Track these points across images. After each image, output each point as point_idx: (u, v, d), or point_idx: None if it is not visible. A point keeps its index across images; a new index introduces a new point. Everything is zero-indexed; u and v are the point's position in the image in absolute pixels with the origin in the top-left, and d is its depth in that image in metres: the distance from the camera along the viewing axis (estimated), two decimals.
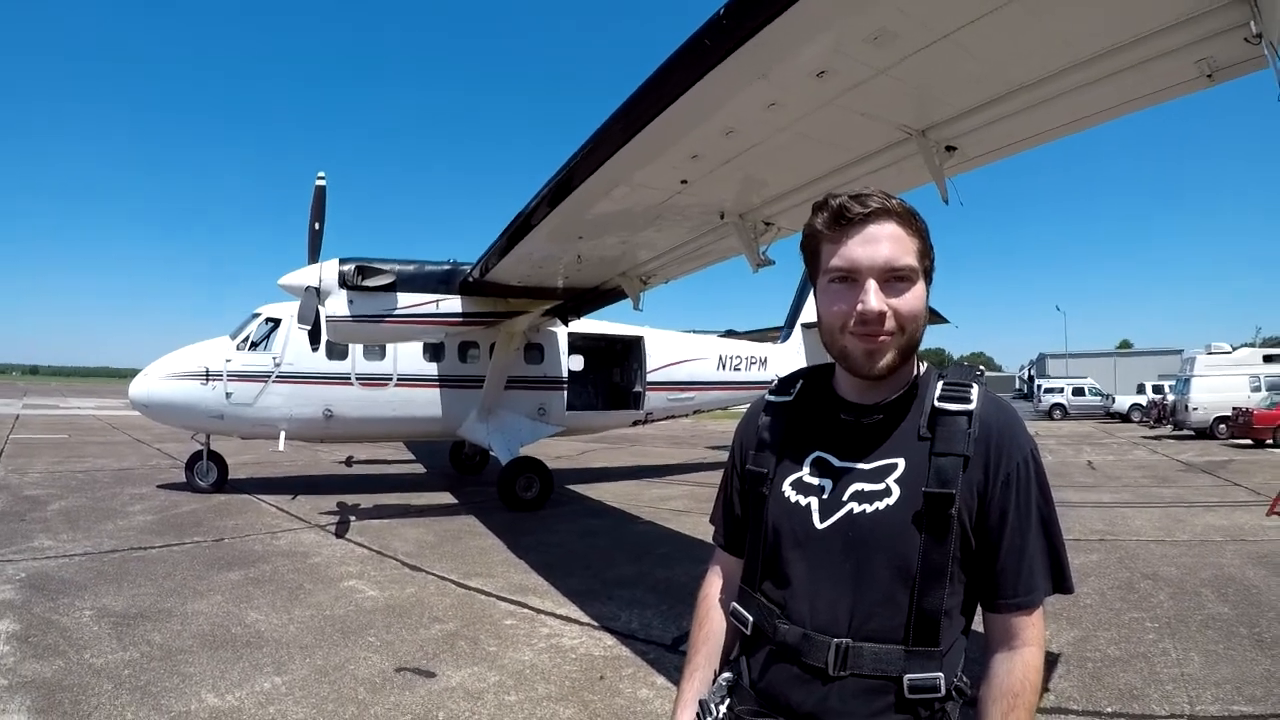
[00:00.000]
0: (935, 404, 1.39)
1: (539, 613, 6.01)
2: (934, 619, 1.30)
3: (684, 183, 5.56)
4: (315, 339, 9.54)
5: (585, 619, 5.86)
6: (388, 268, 9.30)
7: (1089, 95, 3.89)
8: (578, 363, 14.31)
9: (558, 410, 13.06)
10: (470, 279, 9.40)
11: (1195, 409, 24.95)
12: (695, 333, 16.59)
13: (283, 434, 11.26)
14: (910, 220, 1.37)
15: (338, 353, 11.40)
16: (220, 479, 11.79)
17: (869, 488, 1.37)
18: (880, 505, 1.35)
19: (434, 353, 12.25)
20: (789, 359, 16.53)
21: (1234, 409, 22.86)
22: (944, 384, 1.41)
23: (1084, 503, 11.30)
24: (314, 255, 9.50)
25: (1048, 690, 4.34)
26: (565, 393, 13.25)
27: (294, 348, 11.17)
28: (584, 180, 5.63)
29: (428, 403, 12.15)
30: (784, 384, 1.61)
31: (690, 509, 11.13)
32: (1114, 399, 39.94)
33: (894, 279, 1.34)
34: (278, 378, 11.27)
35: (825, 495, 1.41)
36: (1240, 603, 6.08)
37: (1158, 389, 35.23)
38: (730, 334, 17.75)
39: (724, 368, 15.47)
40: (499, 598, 6.40)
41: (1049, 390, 42.47)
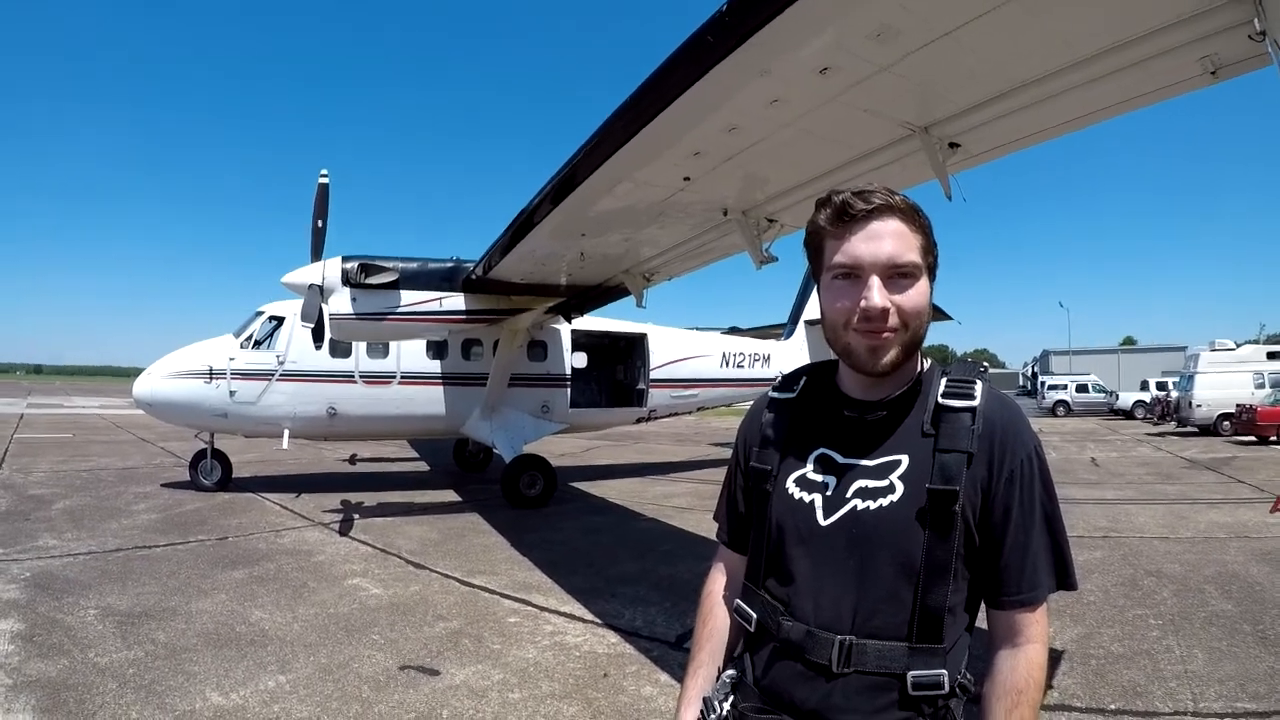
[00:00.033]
0: (939, 400, 1.39)
1: (543, 610, 6.02)
2: (938, 616, 1.30)
3: (687, 180, 5.55)
4: (319, 337, 9.57)
5: (589, 616, 5.87)
6: (391, 265, 9.30)
7: (1092, 92, 3.87)
8: (581, 360, 14.30)
9: (561, 408, 13.06)
10: (473, 276, 9.40)
11: (1199, 406, 24.89)
12: (698, 330, 16.55)
13: (286, 432, 11.29)
14: (913, 216, 1.37)
15: (341, 351, 11.42)
16: (224, 477, 11.82)
17: (873, 484, 1.37)
18: (884, 502, 1.35)
19: (437, 350, 12.26)
20: (792, 356, 16.50)
21: (1238, 406, 22.80)
22: (948, 380, 1.41)
23: (1088, 499, 11.28)
24: (317, 253, 9.53)
25: (1051, 687, 4.34)
26: (569, 390, 13.26)
27: (297, 346, 11.20)
28: (587, 177, 5.62)
29: (431, 400, 12.16)
30: (788, 381, 1.61)
31: (694, 506, 11.13)
32: (1118, 396, 39.95)
33: (897, 275, 1.34)
34: (281, 376, 11.29)
35: (829, 492, 1.40)
36: (1244, 600, 6.06)
37: (1161, 386, 35.20)
38: (733, 331, 17.72)
39: (727, 365, 15.46)
40: (503, 595, 6.41)
41: (1053, 387, 42.52)
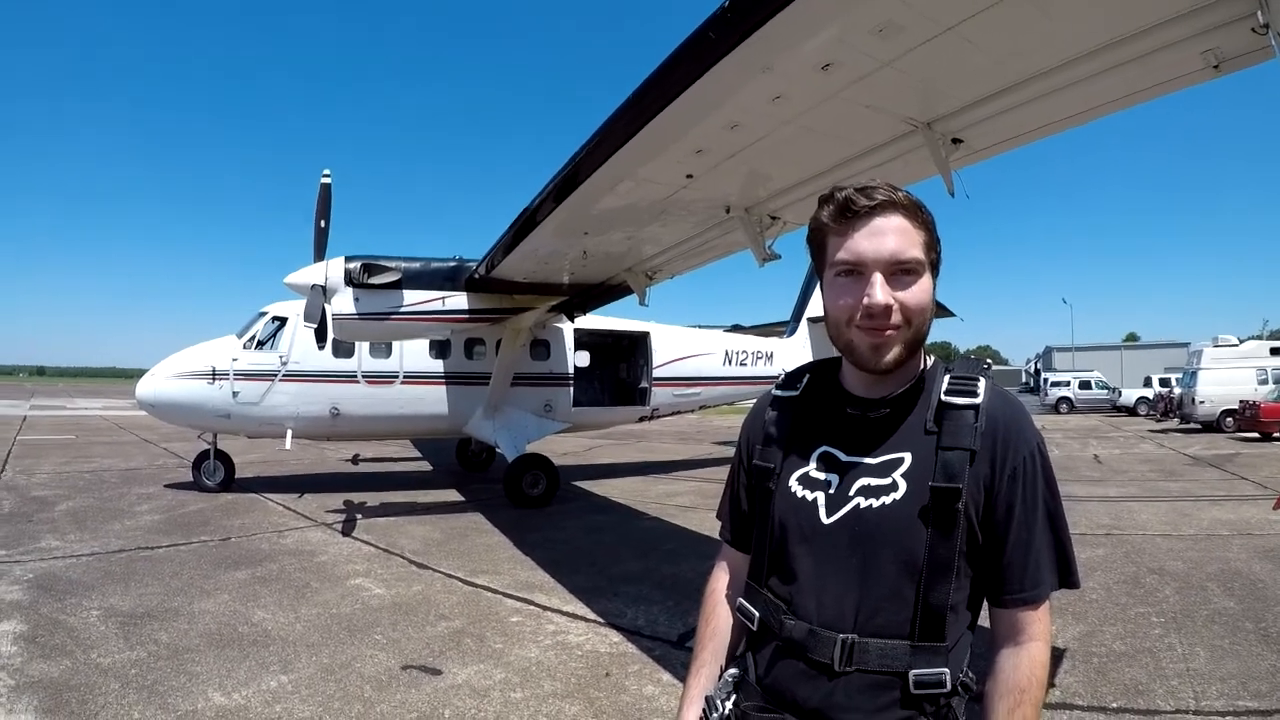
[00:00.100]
0: (942, 398, 1.38)
1: (545, 610, 6.02)
2: (940, 614, 1.30)
3: (689, 177, 5.54)
4: (322, 337, 9.58)
5: (591, 616, 5.86)
6: (393, 265, 9.31)
7: (1095, 86, 3.86)
8: (584, 359, 14.31)
9: (564, 407, 13.06)
10: (476, 276, 9.41)
11: (1202, 402, 24.84)
12: (701, 328, 16.55)
13: (289, 432, 11.30)
14: (916, 213, 1.37)
15: (344, 351, 11.43)
16: (227, 478, 11.83)
17: (875, 482, 1.36)
18: (887, 500, 1.34)
19: (440, 350, 12.26)
20: (795, 353, 16.50)
21: (1241, 402, 22.72)
22: (951, 378, 1.41)
23: (1090, 497, 11.26)
24: (320, 253, 9.53)
25: (1053, 685, 4.33)
26: (571, 389, 13.26)
27: (300, 346, 11.21)
28: (589, 176, 5.61)
29: (434, 400, 12.16)
30: (790, 379, 1.60)
31: (696, 505, 11.12)
32: (1120, 392, 39.97)
33: (900, 272, 1.33)
34: (284, 376, 11.30)
35: (832, 490, 1.40)
36: (1246, 597, 6.04)
37: (1164, 382, 35.22)
38: (736, 329, 17.70)
39: (730, 363, 15.45)
40: (505, 595, 6.41)
41: (1055, 383, 42.50)
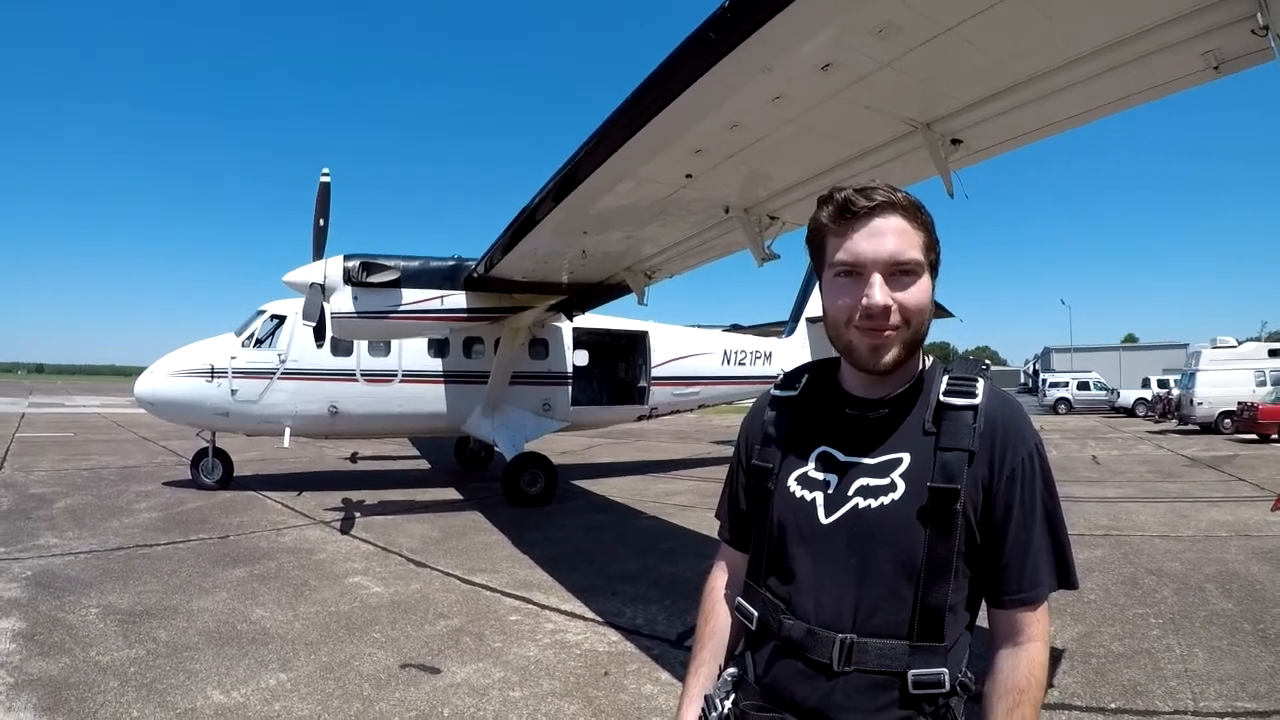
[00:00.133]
0: (941, 398, 1.38)
1: (544, 608, 6.02)
2: (938, 614, 1.30)
3: (689, 177, 5.54)
4: (320, 335, 9.58)
5: (590, 615, 5.87)
6: (392, 264, 9.30)
7: (1095, 87, 3.86)
8: (582, 358, 14.30)
9: (563, 405, 13.06)
10: (475, 275, 9.40)
11: (1200, 404, 24.83)
12: (700, 327, 16.55)
13: (288, 430, 11.29)
14: (916, 214, 1.37)
15: (343, 349, 11.42)
16: (225, 476, 11.83)
17: (874, 483, 1.37)
18: (885, 500, 1.34)
19: (439, 349, 12.26)
20: (794, 353, 16.50)
21: (1239, 404, 22.74)
22: (949, 378, 1.41)
23: (1088, 498, 11.27)
24: (319, 252, 9.53)
25: (1051, 686, 4.33)
26: (570, 388, 13.26)
27: (299, 344, 11.21)
28: (589, 175, 5.61)
29: (433, 399, 12.16)
30: (789, 379, 1.61)
31: (695, 504, 11.12)
32: (1119, 393, 39.97)
33: (899, 273, 1.34)
34: (283, 374, 11.29)
35: (830, 490, 1.40)
36: (1244, 599, 6.05)
37: (1163, 383, 35.23)
38: (735, 328, 17.69)
39: (729, 362, 15.45)
40: (504, 593, 6.41)
41: (1054, 384, 42.52)
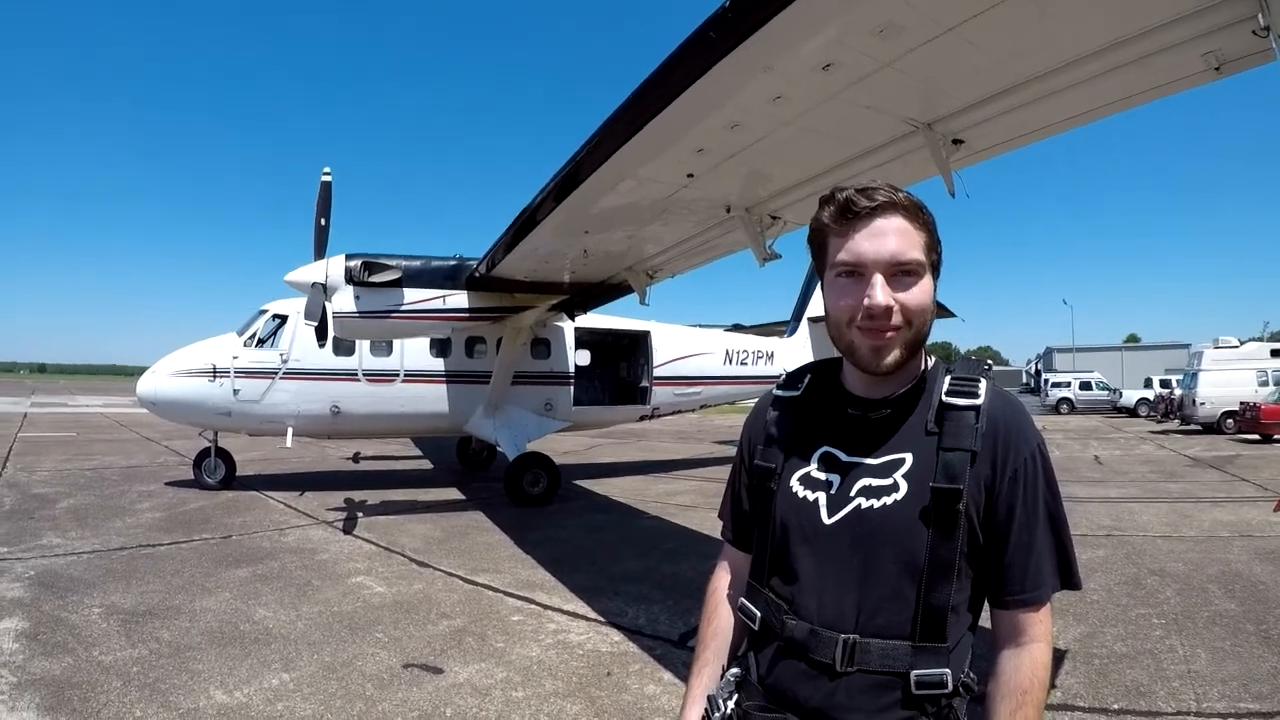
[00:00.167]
0: (943, 399, 1.38)
1: (546, 609, 6.02)
2: (941, 615, 1.30)
3: (690, 177, 5.54)
4: (322, 335, 9.59)
5: (592, 615, 5.87)
6: (394, 264, 9.31)
7: (1097, 88, 3.86)
8: (584, 358, 14.32)
9: (565, 405, 13.06)
10: (477, 274, 9.41)
11: (1202, 404, 24.81)
12: (702, 327, 16.55)
13: (290, 430, 11.30)
14: (917, 214, 1.37)
15: (344, 349, 11.43)
16: (228, 476, 11.85)
17: (876, 483, 1.37)
18: (888, 500, 1.34)
19: (441, 348, 12.26)
20: (796, 353, 16.49)
21: (1241, 404, 22.69)
22: (951, 379, 1.41)
23: (1091, 498, 11.26)
24: (320, 251, 9.53)
25: (1054, 687, 4.33)
26: (572, 388, 13.25)
27: (301, 344, 11.22)
28: (590, 175, 5.61)
29: (435, 398, 12.17)
30: (792, 379, 1.61)
31: (697, 504, 11.12)
32: (1121, 393, 39.92)
33: (901, 273, 1.34)
34: (285, 374, 11.30)
35: (833, 490, 1.40)
36: (1247, 599, 6.04)
37: (1165, 383, 35.20)
38: (737, 328, 17.69)
39: (731, 362, 15.44)
40: (506, 594, 6.41)
41: (1056, 384, 42.50)
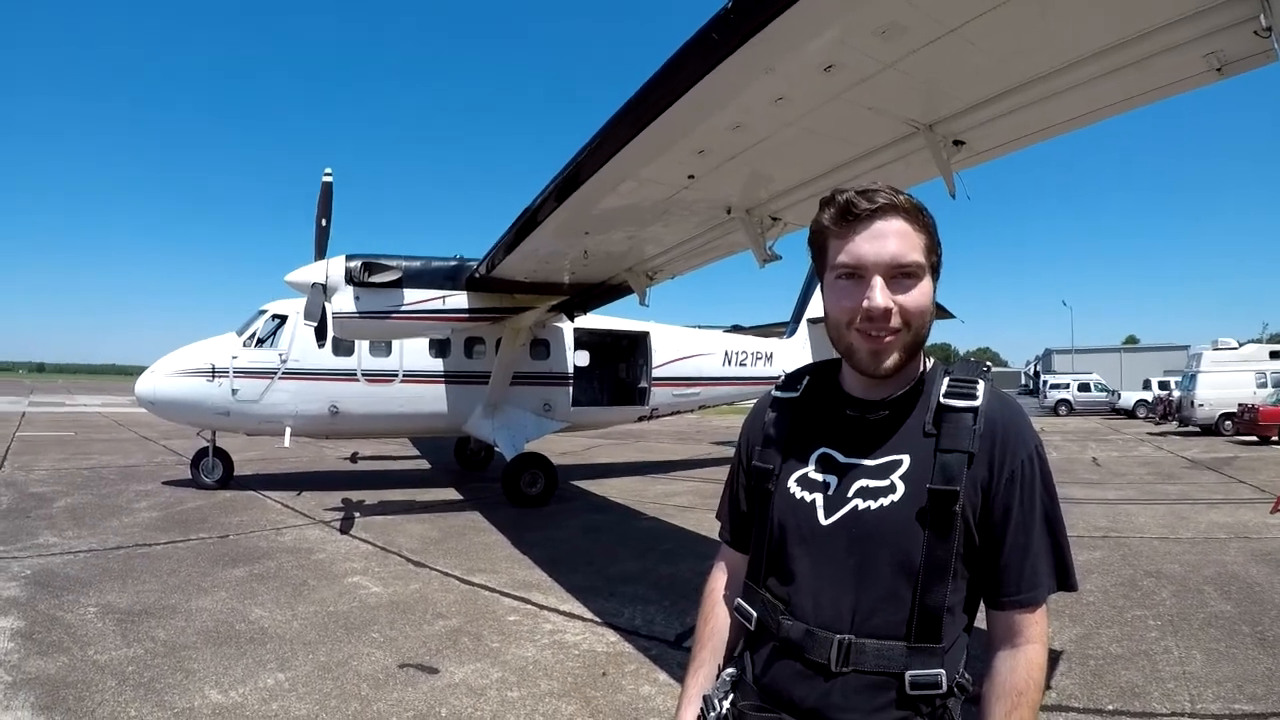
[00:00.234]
0: (941, 400, 1.38)
1: (542, 609, 6.02)
2: (936, 615, 1.30)
3: (691, 178, 5.54)
4: (322, 335, 9.58)
5: (588, 615, 5.87)
6: (394, 264, 9.31)
7: (1098, 89, 3.85)
8: (583, 358, 14.31)
9: (563, 406, 13.05)
10: (476, 275, 9.41)
11: (1201, 405, 24.85)
12: (701, 328, 16.54)
13: (288, 430, 11.29)
14: (917, 216, 1.37)
15: (344, 349, 11.42)
16: (225, 475, 11.84)
17: (874, 484, 1.37)
18: (885, 502, 1.34)
19: (440, 349, 12.25)
20: (795, 354, 16.49)
21: (1240, 405, 22.75)
22: (950, 380, 1.41)
23: (1088, 499, 11.26)
24: (320, 252, 9.53)
25: (1049, 688, 4.33)
26: (571, 388, 13.25)
27: (300, 344, 11.21)
28: (591, 175, 5.61)
29: (433, 399, 12.16)
30: (790, 380, 1.61)
31: (695, 505, 11.12)
32: (1120, 395, 39.94)
33: (900, 275, 1.34)
34: (284, 374, 11.29)
35: (830, 492, 1.40)
36: (1243, 601, 6.05)
37: (1164, 385, 35.20)
38: (736, 329, 17.68)
39: (730, 363, 15.44)
40: (502, 594, 6.41)
41: (1054, 386, 42.51)
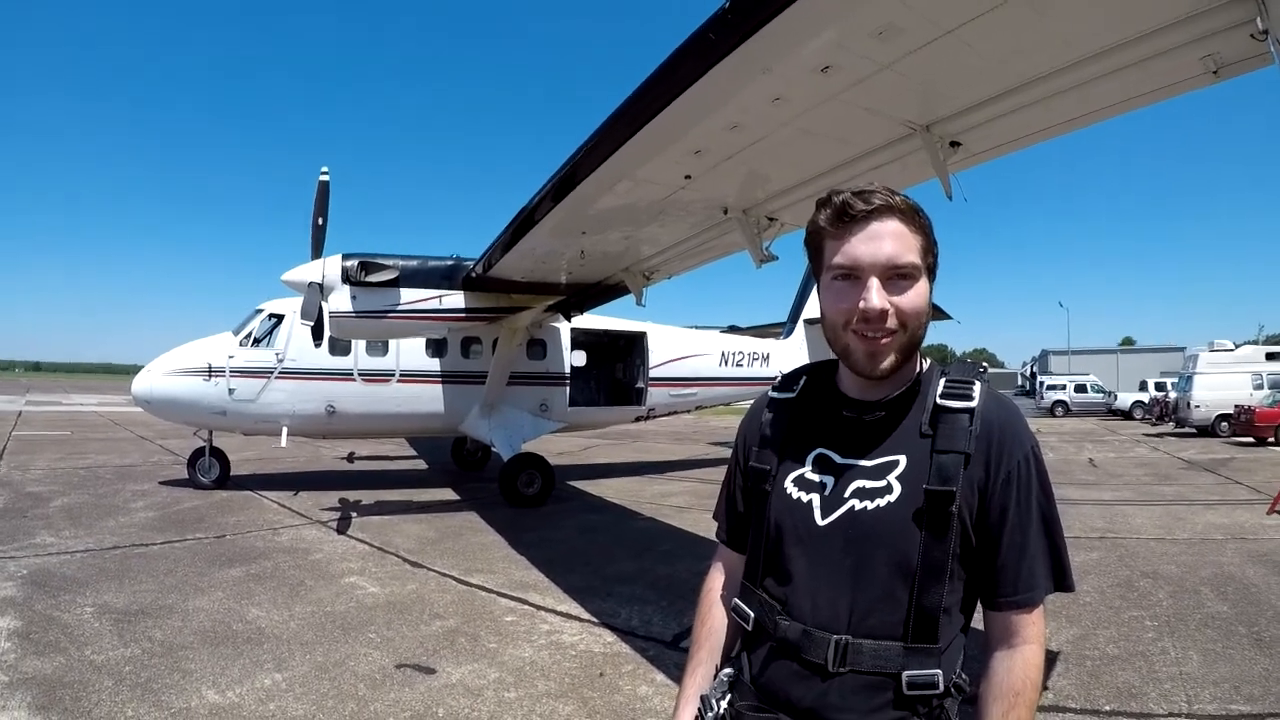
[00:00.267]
0: (937, 401, 1.38)
1: (539, 609, 6.01)
2: (933, 616, 1.30)
3: (688, 178, 5.54)
4: (318, 335, 9.56)
5: (585, 616, 5.87)
6: (391, 263, 9.29)
7: (1094, 90, 3.86)
8: (580, 358, 14.31)
9: (560, 406, 13.05)
10: (473, 274, 9.39)
11: (1197, 406, 24.92)
12: (698, 328, 16.55)
13: (285, 430, 11.27)
14: (914, 217, 1.37)
15: (340, 348, 11.40)
16: (222, 475, 11.81)
17: (870, 485, 1.37)
18: (881, 502, 1.35)
19: (436, 348, 12.23)
20: (791, 355, 16.50)
21: (1236, 407, 22.84)
22: (946, 381, 1.41)
23: (1085, 500, 11.29)
24: (317, 251, 9.52)
25: (1046, 688, 4.34)
26: (567, 389, 13.24)
27: (297, 344, 11.19)
28: (588, 175, 5.61)
29: (430, 399, 12.14)
30: (787, 380, 1.61)
31: (691, 505, 11.13)
32: (1116, 396, 39.98)
33: (896, 276, 1.34)
34: (280, 374, 11.27)
35: (827, 492, 1.40)
36: (1239, 601, 6.07)
37: (1160, 386, 35.25)
38: (733, 330, 17.71)
39: (726, 364, 15.45)
40: (499, 594, 6.40)
41: (1051, 387, 42.54)
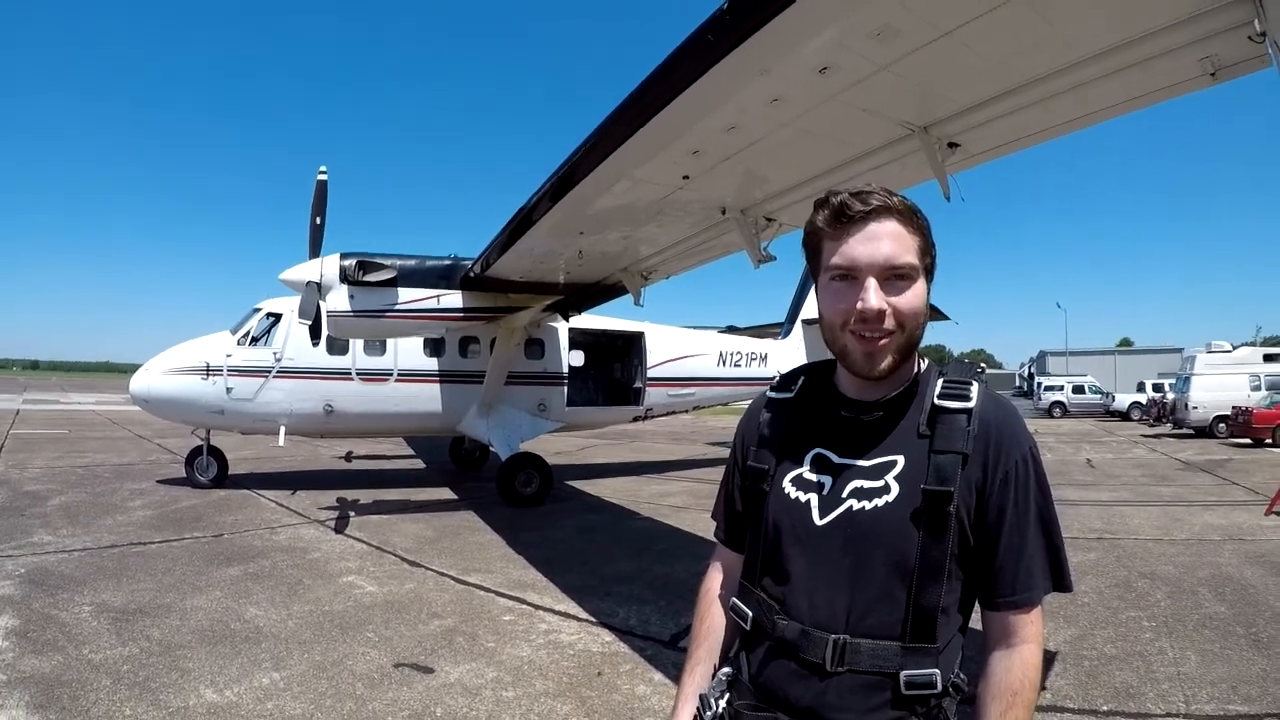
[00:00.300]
0: (935, 401, 1.39)
1: (537, 609, 6.01)
2: (931, 616, 1.30)
3: (686, 178, 5.54)
4: (316, 334, 9.55)
5: (583, 615, 5.87)
6: (389, 263, 9.29)
7: (1092, 92, 3.87)
8: (578, 358, 14.30)
9: (558, 406, 13.06)
10: (471, 274, 9.40)
11: (1195, 408, 24.95)
12: (696, 328, 16.56)
13: (283, 429, 11.26)
14: (911, 218, 1.37)
15: (338, 348, 11.39)
16: (220, 474, 11.80)
17: (868, 485, 1.37)
18: (879, 502, 1.35)
19: (434, 348, 12.23)
20: (790, 355, 16.52)
21: (1234, 408, 22.88)
22: (944, 381, 1.41)
23: (1083, 501, 11.30)
24: (315, 250, 9.52)
25: (1044, 688, 4.34)
26: (565, 388, 13.25)
27: (294, 343, 11.18)
28: (586, 175, 5.61)
29: (428, 398, 12.14)
30: (785, 380, 1.61)
31: (689, 505, 11.13)
32: (1114, 397, 40.01)
33: (894, 277, 1.34)
34: (278, 373, 11.27)
35: (825, 492, 1.41)
36: (1237, 602, 6.08)
37: (1158, 387, 35.27)
38: (731, 330, 17.71)
39: (724, 364, 15.46)
40: (497, 593, 6.40)
41: (1049, 388, 42.59)
